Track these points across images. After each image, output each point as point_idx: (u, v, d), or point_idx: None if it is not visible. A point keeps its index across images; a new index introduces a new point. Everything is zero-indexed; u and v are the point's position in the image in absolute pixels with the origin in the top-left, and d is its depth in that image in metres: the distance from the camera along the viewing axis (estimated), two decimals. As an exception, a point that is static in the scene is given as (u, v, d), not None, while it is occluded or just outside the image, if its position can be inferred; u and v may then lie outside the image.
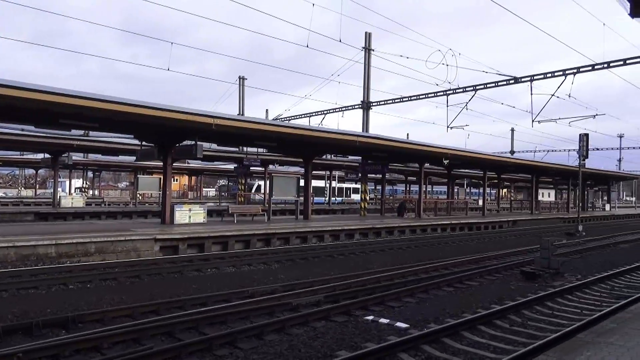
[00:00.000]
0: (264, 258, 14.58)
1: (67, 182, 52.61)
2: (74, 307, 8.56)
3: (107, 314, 7.96)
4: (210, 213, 27.67)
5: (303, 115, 37.53)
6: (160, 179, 31.15)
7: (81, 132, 26.89)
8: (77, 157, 38.17)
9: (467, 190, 62.88)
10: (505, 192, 73.29)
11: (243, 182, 39.83)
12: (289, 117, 37.83)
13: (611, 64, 21.82)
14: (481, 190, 43.69)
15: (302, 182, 26.93)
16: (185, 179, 74.61)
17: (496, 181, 45.76)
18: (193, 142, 18.26)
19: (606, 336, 5.64)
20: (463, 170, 44.97)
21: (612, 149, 63.79)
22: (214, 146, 29.36)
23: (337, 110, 33.96)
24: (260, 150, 33.38)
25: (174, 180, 69.92)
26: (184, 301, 8.93)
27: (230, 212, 22.83)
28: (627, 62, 21.27)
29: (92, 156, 40.52)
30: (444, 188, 57.69)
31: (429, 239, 21.61)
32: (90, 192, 54.87)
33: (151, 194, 43.15)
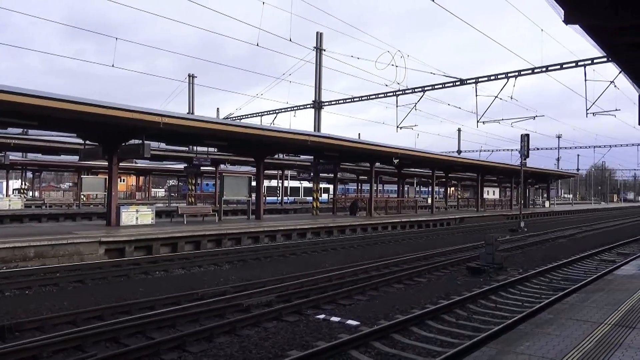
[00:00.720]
0: (214, 259, 14.35)
1: (4, 183, 49.81)
2: (11, 315, 8.11)
3: (47, 321, 7.59)
4: (159, 214, 26.98)
5: (255, 115, 37.25)
6: (105, 179, 30.01)
7: (19, 130, 25.54)
8: (14, 156, 36.25)
9: (417, 189, 64.39)
10: (452, 191, 75.65)
11: (193, 182, 39.02)
12: (240, 116, 37.43)
13: (549, 68, 22.96)
14: (430, 189, 44.85)
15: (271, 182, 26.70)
16: (132, 179, 72.31)
17: (444, 180, 47.20)
18: (140, 141, 17.72)
19: (544, 327, 5.93)
20: (413, 170, 45.99)
21: (551, 148, 67.08)
22: (163, 145, 28.64)
23: (288, 109, 33.92)
24: (211, 149, 32.83)
25: (120, 181, 67.64)
26: (130, 305, 8.65)
27: (179, 212, 22.33)
28: (564, 66, 22.44)
29: (31, 155, 38.52)
30: (395, 187, 58.82)
31: (380, 237, 21.97)
32: (30, 193, 52.11)
33: (96, 195, 41.51)
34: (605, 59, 19.59)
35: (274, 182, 49.97)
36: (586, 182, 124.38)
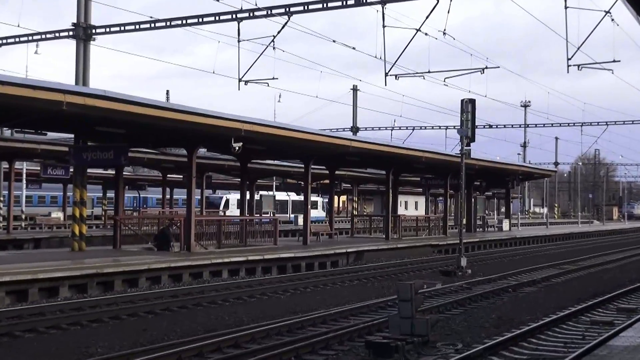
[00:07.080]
0: None
1: None
2: None
3: None
4: None
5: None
6: None
7: None
8: None
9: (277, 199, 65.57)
10: (343, 202, 78.42)
11: None
12: None
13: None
14: (303, 198, 45.88)
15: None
16: None
17: (329, 182, 48.54)
18: None
19: None
20: (270, 163, 46.78)
21: (512, 125, 72.00)
22: None
23: (22, 39, 32.47)
24: None
25: None
26: None
27: None
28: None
29: None
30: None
31: (206, 290, 22.01)
32: None
33: None
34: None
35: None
36: (569, 186, 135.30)
